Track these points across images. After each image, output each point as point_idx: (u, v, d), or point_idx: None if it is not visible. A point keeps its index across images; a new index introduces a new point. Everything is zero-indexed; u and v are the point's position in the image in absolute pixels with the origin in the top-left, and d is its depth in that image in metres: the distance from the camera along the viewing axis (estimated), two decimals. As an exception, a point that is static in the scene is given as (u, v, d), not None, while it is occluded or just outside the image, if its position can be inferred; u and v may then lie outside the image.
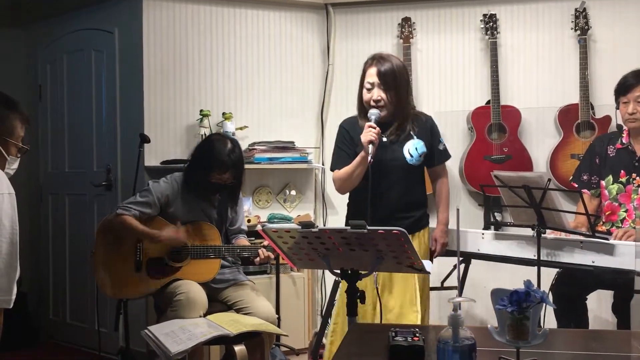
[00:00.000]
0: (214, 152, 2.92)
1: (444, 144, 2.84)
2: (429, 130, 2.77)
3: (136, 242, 2.94)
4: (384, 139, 2.69)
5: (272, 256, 2.96)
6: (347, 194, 2.82)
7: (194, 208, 3.00)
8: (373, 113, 2.62)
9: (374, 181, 2.64)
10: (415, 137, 2.71)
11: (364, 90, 2.70)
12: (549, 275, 2.87)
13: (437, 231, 2.82)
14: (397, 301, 2.65)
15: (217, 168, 2.90)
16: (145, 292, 2.98)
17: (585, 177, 3.06)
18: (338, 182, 2.75)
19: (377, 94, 2.65)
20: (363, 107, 2.70)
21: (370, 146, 2.53)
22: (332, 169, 2.79)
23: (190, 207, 2.99)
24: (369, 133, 2.55)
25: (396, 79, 2.64)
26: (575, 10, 3.80)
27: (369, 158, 2.54)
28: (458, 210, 1.94)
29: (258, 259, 2.95)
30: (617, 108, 2.99)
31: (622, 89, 2.91)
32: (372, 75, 2.66)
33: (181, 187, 3.00)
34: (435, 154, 2.80)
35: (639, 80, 2.87)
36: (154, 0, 3.80)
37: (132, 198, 3.00)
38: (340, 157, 2.74)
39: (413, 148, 2.70)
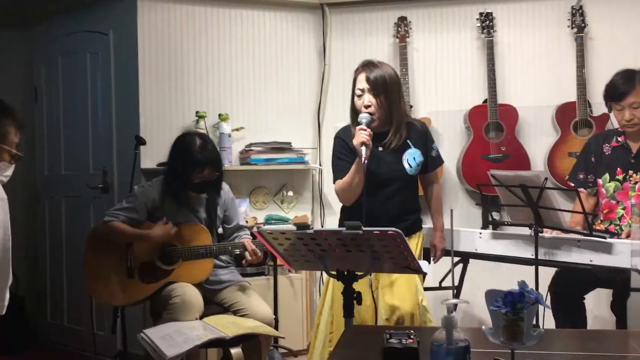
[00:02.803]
0: (187, 153, 2.90)
1: (437, 150, 2.83)
2: (424, 138, 2.75)
3: (126, 248, 2.93)
4: (380, 149, 2.67)
5: (260, 253, 2.93)
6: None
7: (181, 210, 2.99)
8: (364, 117, 2.60)
9: (370, 192, 2.60)
10: (412, 146, 2.70)
11: (355, 98, 2.69)
12: (547, 274, 2.86)
13: (436, 237, 2.83)
14: (401, 300, 2.63)
15: (195, 168, 2.89)
16: (140, 298, 2.96)
17: (581, 176, 3.06)
18: (340, 193, 2.70)
19: (368, 99, 2.64)
20: (356, 115, 2.68)
21: (363, 148, 2.51)
22: (334, 181, 2.73)
23: (178, 210, 2.98)
24: (360, 135, 2.54)
25: (386, 85, 2.62)
26: (572, 8, 3.80)
27: (363, 160, 2.51)
28: (452, 211, 1.93)
29: (244, 260, 2.93)
30: (609, 111, 2.98)
31: (615, 95, 2.88)
32: (361, 82, 2.65)
33: (165, 190, 2.98)
34: (429, 161, 2.78)
35: (630, 86, 2.83)
36: (148, 1, 3.80)
37: (118, 204, 2.99)
38: (341, 167, 2.70)
39: (412, 158, 2.69)
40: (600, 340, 1.87)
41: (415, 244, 2.73)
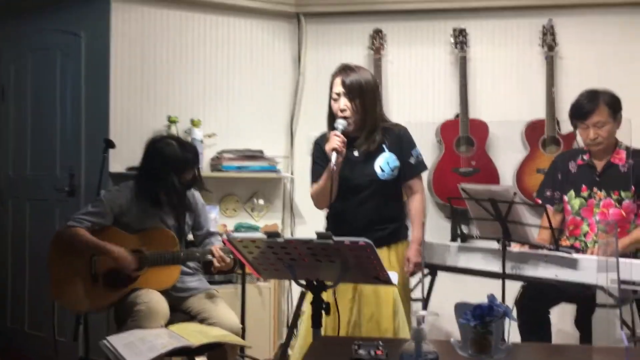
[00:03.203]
0: (171, 157, 2.88)
1: (417, 157, 2.74)
2: (400, 143, 2.71)
3: (90, 254, 2.87)
4: (355, 154, 2.67)
5: (228, 260, 2.90)
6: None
7: (149, 215, 2.94)
8: (340, 123, 2.61)
9: (345, 197, 2.61)
10: (386, 150, 2.67)
11: (332, 101, 2.69)
12: (514, 288, 2.89)
13: (411, 250, 2.71)
14: (373, 309, 2.62)
15: (185, 168, 2.88)
16: (104, 304, 2.90)
17: (548, 193, 3.10)
18: (314, 197, 2.71)
19: (343, 102, 2.64)
20: (333, 119, 2.68)
21: (334, 154, 2.51)
22: (311, 186, 2.74)
23: (146, 215, 2.93)
24: (333, 141, 2.54)
25: (362, 89, 2.62)
26: (543, 27, 3.87)
27: (332, 166, 2.51)
28: (424, 223, 1.94)
29: (213, 267, 2.89)
30: (575, 129, 3.03)
31: (579, 114, 2.92)
32: (337, 85, 2.65)
33: (135, 195, 2.93)
34: (406, 168, 2.72)
35: (594, 106, 2.87)
36: (122, 3, 3.75)
37: (84, 209, 2.93)
38: (316, 172, 2.70)
39: (384, 162, 2.66)
40: (567, 355, 1.89)
41: (395, 253, 2.68)
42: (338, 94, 2.65)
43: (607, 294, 2.29)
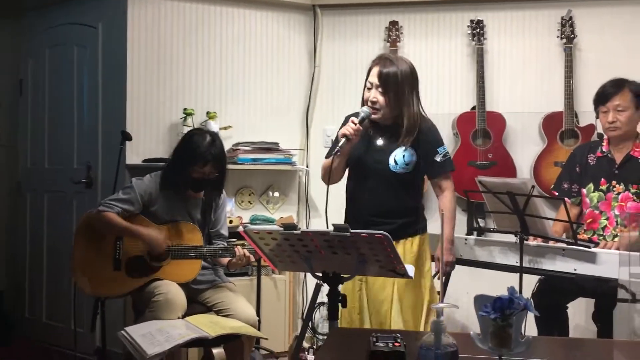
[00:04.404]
0: (193, 146, 2.88)
1: (444, 155, 2.69)
2: (424, 139, 2.66)
3: (116, 240, 2.89)
4: (379, 142, 2.66)
5: (253, 258, 2.92)
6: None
7: (176, 207, 2.96)
8: (363, 110, 2.59)
9: (357, 179, 2.63)
10: (406, 144, 2.63)
11: (365, 89, 2.66)
12: (530, 282, 2.86)
13: (439, 250, 2.65)
14: (406, 318, 2.61)
15: (197, 161, 2.86)
16: (123, 292, 2.92)
17: (565, 186, 3.07)
18: (322, 170, 2.73)
19: (374, 95, 2.61)
20: (364, 105, 2.66)
21: (343, 139, 2.51)
22: (325, 157, 2.72)
23: (173, 206, 2.95)
24: (346, 127, 2.53)
25: (397, 84, 2.57)
26: (562, 18, 3.82)
27: (336, 150, 2.51)
28: (442, 215, 1.92)
29: (234, 260, 2.90)
30: (597, 117, 3.00)
31: (601, 98, 2.91)
32: (373, 76, 2.61)
33: (163, 185, 2.95)
34: (431, 166, 2.68)
35: (618, 89, 2.86)
36: (139, -4, 3.76)
37: (114, 195, 2.95)
38: (333, 147, 2.68)
39: (400, 155, 2.63)
40: (587, 349, 1.87)
41: (406, 248, 2.65)
42: (372, 84, 2.62)
43: (626, 289, 2.26)
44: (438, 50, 4.06)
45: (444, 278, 2.74)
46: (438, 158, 2.69)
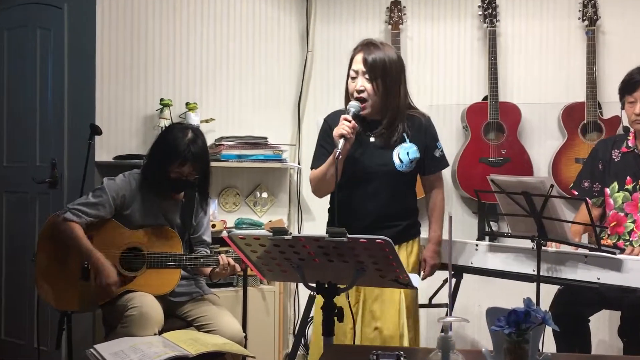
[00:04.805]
0: (171, 142, 2.88)
1: (441, 150, 2.79)
2: (424, 133, 2.72)
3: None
4: (372, 139, 2.67)
5: (238, 267, 2.92)
6: (328, 198, 2.79)
7: (154, 211, 2.96)
8: (352, 105, 2.61)
9: (354, 186, 2.62)
10: (408, 140, 2.67)
11: (349, 80, 2.68)
12: (548, 293, 2.88)
13: (427, 251, 2.77)
14: (384, 321, 2.62)
15: (174, 160, 2.86)
16: (92, 305, 2.92)
17: (586, 184, 3.09)
18: (313, 182, 2.73)
19: (361, 83, 2.63)
20: (349, 99, 2.68)
21: (342, 141, 2.51)
22: (311, 168, 2.76)
23: (150, 210, 2.95)
24: (342, 126, 2.53)
25: (385, 69, 2.61)
26: (583, -3, 3.85)
27: (337, 154, 2.50)
28: (450, 217, 1.93)
29: (217, 269, 2.90)
30: (623, 108, 3.02)
31: (628, 86, 2.93)
32: (358, 62, 2.64)
33: (140, 185, 2.95)
34: (430, 161, 2.75)
35: None
36: (110, -28, 3.75)
37: (83, 198, 2.94)
38: (320, 155, 2.72)
39: (404, 153, 2.66)
40: (610, 367, 1.88)
41: (407, 253, 2.71)
42: (357, 72, 2.64)
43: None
44: (445, 34, 4.07)
45: (452, 288, 2.75)
46: (437, 153, 2.76)
